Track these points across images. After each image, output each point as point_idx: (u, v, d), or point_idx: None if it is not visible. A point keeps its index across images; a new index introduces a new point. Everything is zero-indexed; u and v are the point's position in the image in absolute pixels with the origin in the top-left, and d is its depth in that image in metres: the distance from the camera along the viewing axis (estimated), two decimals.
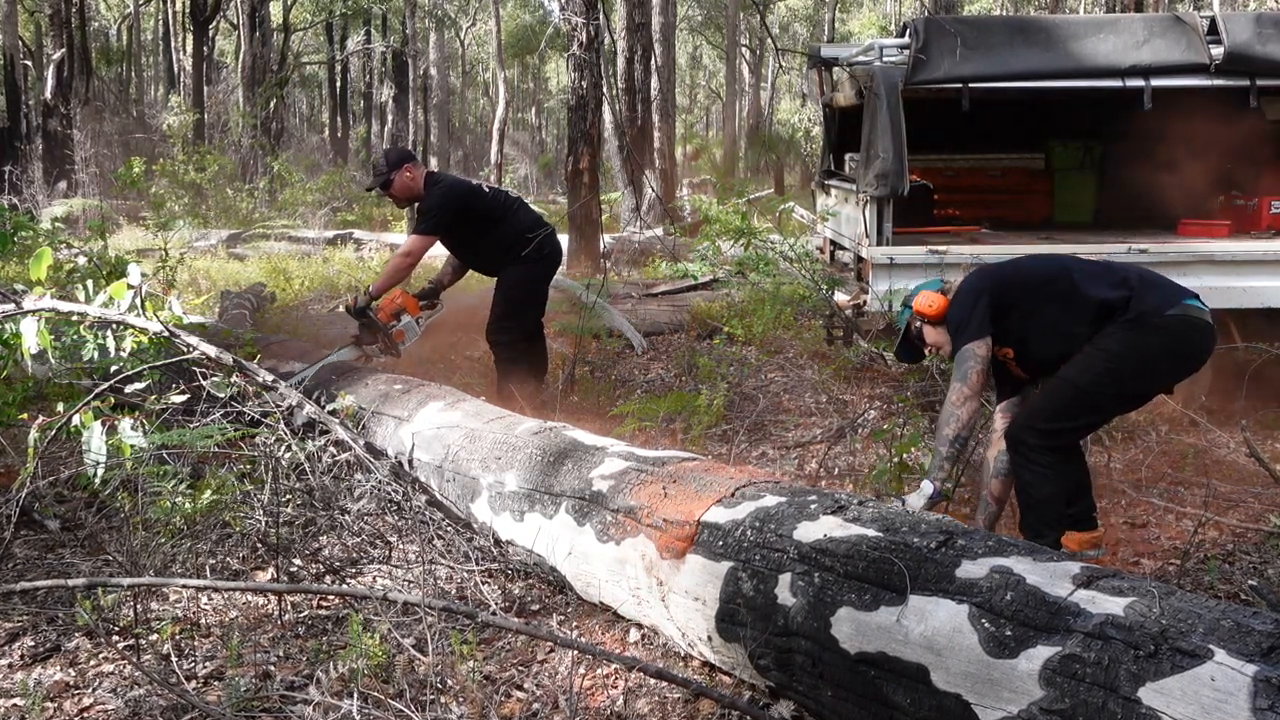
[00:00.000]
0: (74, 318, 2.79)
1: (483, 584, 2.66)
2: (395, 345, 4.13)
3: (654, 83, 12.43)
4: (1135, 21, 4.41)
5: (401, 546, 2.88)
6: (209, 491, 2.74)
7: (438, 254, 4.52)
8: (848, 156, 5.39)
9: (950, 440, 2.62)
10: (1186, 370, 2.74)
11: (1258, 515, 3.25)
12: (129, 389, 2.85)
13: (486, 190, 4.25)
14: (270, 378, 2.95)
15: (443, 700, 2.08)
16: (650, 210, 10.63)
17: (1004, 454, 2.81)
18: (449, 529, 2.91)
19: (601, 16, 8.34)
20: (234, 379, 2.84)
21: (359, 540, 2.90)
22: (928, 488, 2.62)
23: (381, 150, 4.18)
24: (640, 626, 2.42)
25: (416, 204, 4.24)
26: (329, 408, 3.06)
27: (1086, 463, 2.86)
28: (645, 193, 10.23)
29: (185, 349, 2.86)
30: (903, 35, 4.53)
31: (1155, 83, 4.22)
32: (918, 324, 2.84)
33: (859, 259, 4.66)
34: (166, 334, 2.81)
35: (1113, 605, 1.60)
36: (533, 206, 4.35)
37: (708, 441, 3.99)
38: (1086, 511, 2.78)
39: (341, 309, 4.26)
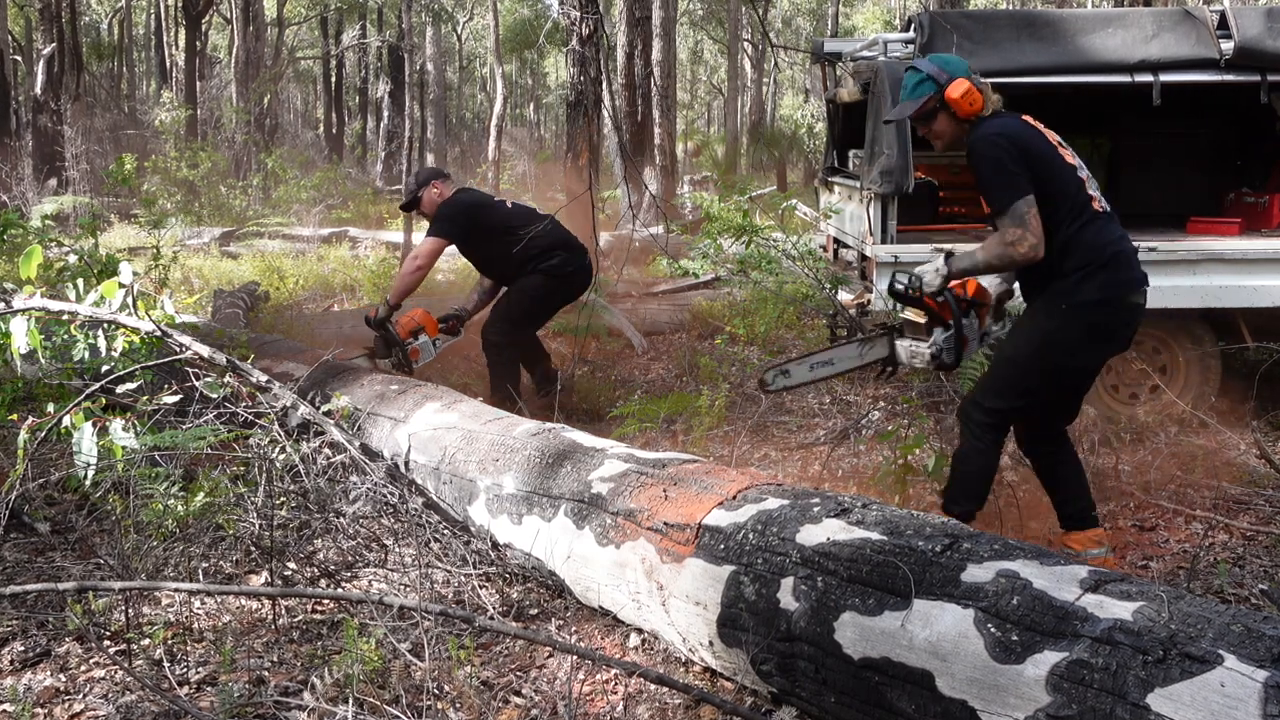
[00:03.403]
0: (64, 317, 2.77)
1: (480, 588, 2.63)
2: (410, 363, 4.14)
3: (654, 78, 12.36)
4: (1144, 16, 4.34)
5: (398, 550, 2.86)
6: (202, 494, 2.71)
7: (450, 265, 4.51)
8: (851, 153, 5.34)
9: (993, 266, 2.58)
10: (1114, 352, 2.78)
11: (1268, 518, 3.23)
12: (120, 389, 2.82)
13: (509, 205, 4.30)
14: (264, 378, 2.92)
15: (439, 706, 2.05)
16: (650, 208, 10.58)
17: None
18: (446, 532, 2.88)
19: (601, 10, 8.30)
20: (227, 379, 2.81)
21: (354, 543, 2.88)
22: (943, 268, 2.60)
23: (413, 173, 4.45)
24: (640, 631, 2.40)
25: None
26: (324, 409, 3.03)
27: (1079, 460, 2.84)
28: (645, 190, 10.19)
29: (178, 349, 2.83)
30: (907, 30, 4.49)
31: (1164, 78, 4.16)
32: (936, 105, 2.67)
33: (863, 257, 4.62)
34: (158, 334, 2.78)
35: (1121, 610, 1.58)
36: (567, 230, 4.37)
37: (709, 443, 3.96)
38: (1085, 510, 2.76)
39: (361, 318, 4.32)
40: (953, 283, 2.65)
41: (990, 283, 2.81)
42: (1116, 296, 2.60)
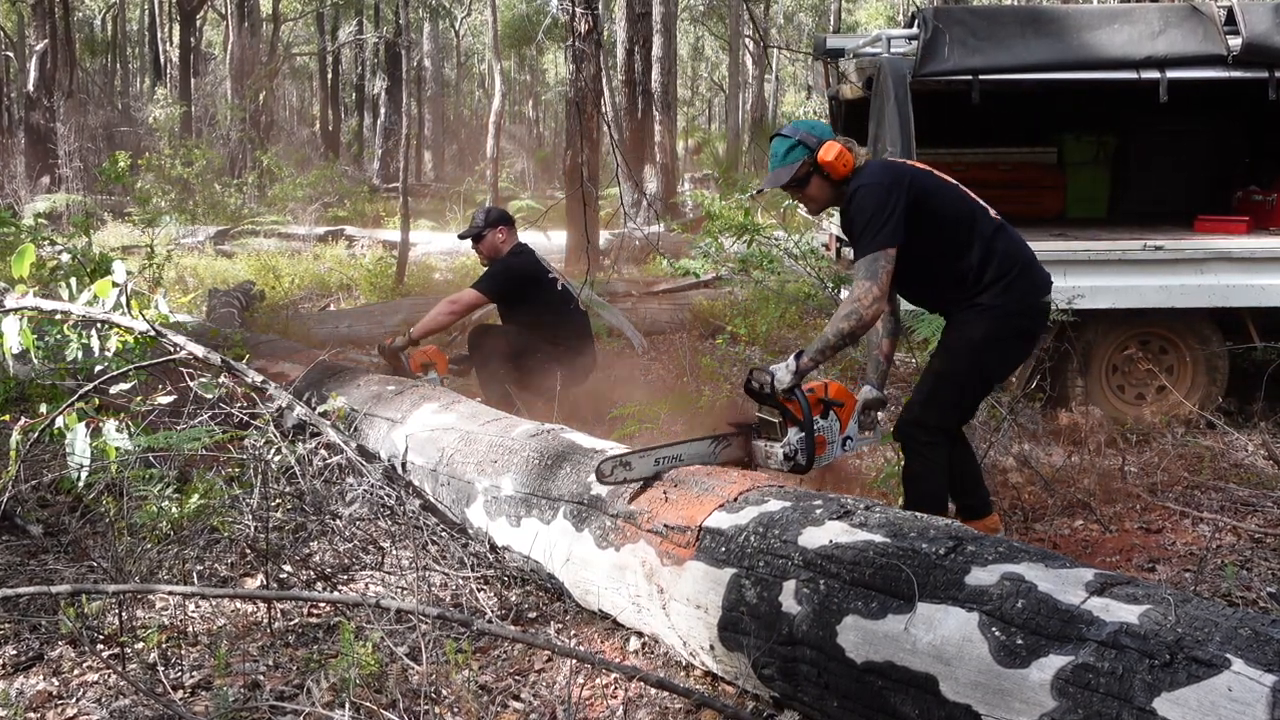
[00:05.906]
0: (57, 316, 2.75)
1: (478, 591, 2.61)
2: None
3: (655, 74, 12.32)
4: (1150, 11, 4.31)
5: (394, 552, 2.84)
6: (196, 495, 2.70)
7: None
8: None
9: (844, 334, 2.53)
10: (1030, 353, 2.91)
11: (1276, 520, 3.21)
12: (114, 390, 2.80)
13: (559, 285, 4.30)
14: (259, 378, 2.90)
15: (437, 711, 2.03)
16: (651, 206, 10.56)
17: (890, 316, 2.84)
18: (443, 534, 2.87)
19: (600, 6, 8.26)
20: (222, 380, 2.79)
21: (351, 546, 2.86)
22: (793, 364, 2.53)
23: (485, 208, 4.49)
24: (640, 635, 2.38)
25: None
26: (320, 409, 3.01)
27: (974, 452, 2.91)
28: (645, 188, 10.17)
29: (172, 349, 2.81)
30: (911, 26, 4.46)
31: (1171, 75, 4.14)
32: (809, 170, 2.64)
33: None
34: (153, 333, 2.76)
35: (1127, 613, 1.56)
36: (589, 321, 4.42)
37: None
38: (983, 499, 2.83)
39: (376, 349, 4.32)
40: (813, 384, 2.60)
41: (864, 391, 2.80)
42: (1036, 301, 2.69)
